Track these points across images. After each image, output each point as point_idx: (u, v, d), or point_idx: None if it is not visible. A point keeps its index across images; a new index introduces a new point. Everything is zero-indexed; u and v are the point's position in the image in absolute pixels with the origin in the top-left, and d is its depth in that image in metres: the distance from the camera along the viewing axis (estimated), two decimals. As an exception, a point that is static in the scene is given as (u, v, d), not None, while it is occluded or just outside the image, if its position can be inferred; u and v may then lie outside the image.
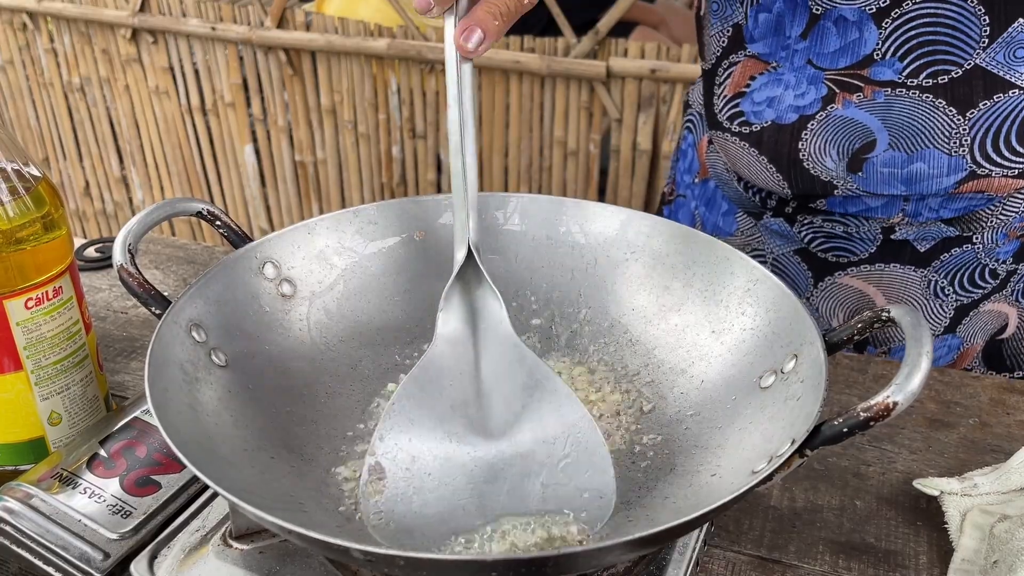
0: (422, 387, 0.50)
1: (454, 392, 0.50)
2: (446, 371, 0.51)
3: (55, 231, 0.57)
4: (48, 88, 2.31)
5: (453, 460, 0.48)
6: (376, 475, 0.47)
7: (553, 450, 0.49)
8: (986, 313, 0.80)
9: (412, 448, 0.48)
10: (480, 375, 0.51)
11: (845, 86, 0.69)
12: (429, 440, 0.49)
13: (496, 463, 0.49)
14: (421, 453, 0.48)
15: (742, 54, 0.75)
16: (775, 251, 0.81)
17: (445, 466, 0.48)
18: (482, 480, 0.48)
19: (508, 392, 0.51)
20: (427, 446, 0.49)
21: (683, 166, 0.92)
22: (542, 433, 0.49)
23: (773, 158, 0.73)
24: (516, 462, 0.49)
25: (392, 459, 0.48)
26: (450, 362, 0.51)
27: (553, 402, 0.50)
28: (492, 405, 0.50)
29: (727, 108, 0.75)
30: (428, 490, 0.47)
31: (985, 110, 0.67)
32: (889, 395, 0.43)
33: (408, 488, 0.47)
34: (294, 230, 0.62)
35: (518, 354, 0.51)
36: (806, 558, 0.56)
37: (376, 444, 0.49)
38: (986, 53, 0.66)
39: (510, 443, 0.49)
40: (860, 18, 0.67)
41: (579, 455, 0.49)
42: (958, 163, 0.68)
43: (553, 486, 0.48)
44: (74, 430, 0.61)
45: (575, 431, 0.50)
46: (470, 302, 0.52)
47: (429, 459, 0.48)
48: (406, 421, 0.49)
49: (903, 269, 0.77)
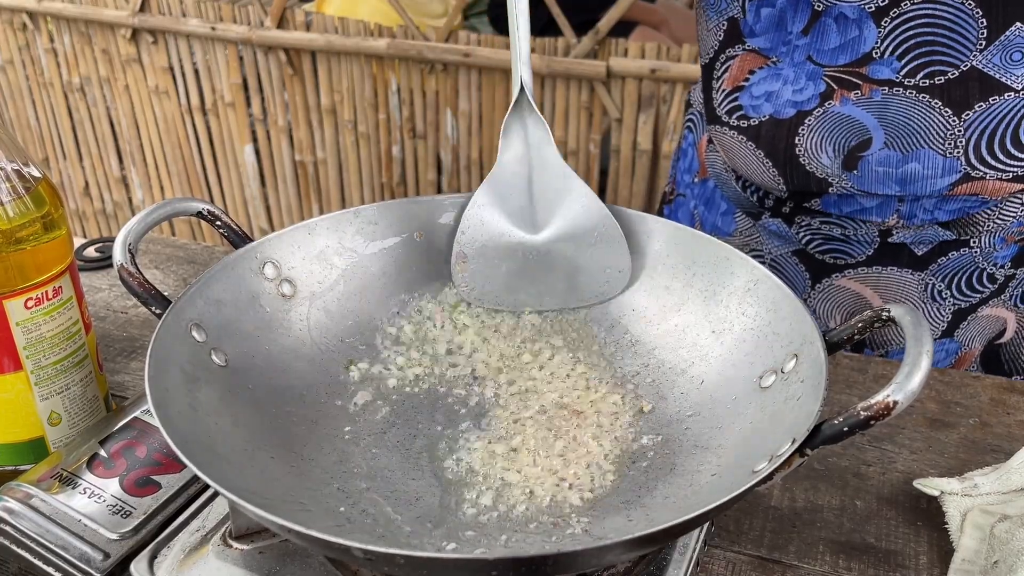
0: (491, 193, 0.64)
1: (513, 198, 0.64)
2: (507, 183, 0.64)
3: (55, 231, 0.57)
4: (48, 88, 2.31)
5: (512, 246, 0.64)
6: (461, 259, 0.64)
7: (584, 239, 0.63)
8: (984, 318, 0.80)
9: (484, 238, 0.64)
10: (532, 185, 0.64)
11: (843, 83, 0.70)
12: (496, 232, 0.64)
13: (542, 249, 0.64)
14: (491, 241, 0.64)
15: (740, 48, 0.75)
16: (773, 252, 0.81)
17: (507, 249, 0.64)
18: (534, 260, 0.64)
19: (550, 198, 0.64)
20: (495, 236, 0.64)
21: (683, 165, 0.92)
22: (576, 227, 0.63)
23: (770, 152, 0.73)
24: (557, 247, 0.64)
25: (471, 246, 0.64)
26: (509, 176, 0.64)
27: (584, 205, 0.63)
28: (539, 207, 0.64)
29: (726, 102, 0.75)
30: (496, 267, 0.64)
31: (980, 112, 0.67)
32: (889, 394, 0.43)
33: (483, 265, 0.64)
34: (294, 230, 0.62)
35: (560, 169, 0.63)
36: (806, 558, 0.56)
37: (460, 237, 0.64)
38: (983, 55, 0.66)
39: (552, 234, 0.64)
40: (860, 16, 0.67)
41: (603, 241, 0.63)
42: (952, 164, 0.68)
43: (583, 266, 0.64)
44: (74, 430, 0.61)
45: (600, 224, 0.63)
46: (523, 129, 0.64)
47: (497, 245, 0.64)
48: (478, 220, 0.64)
49: (900, 272, 0.77)
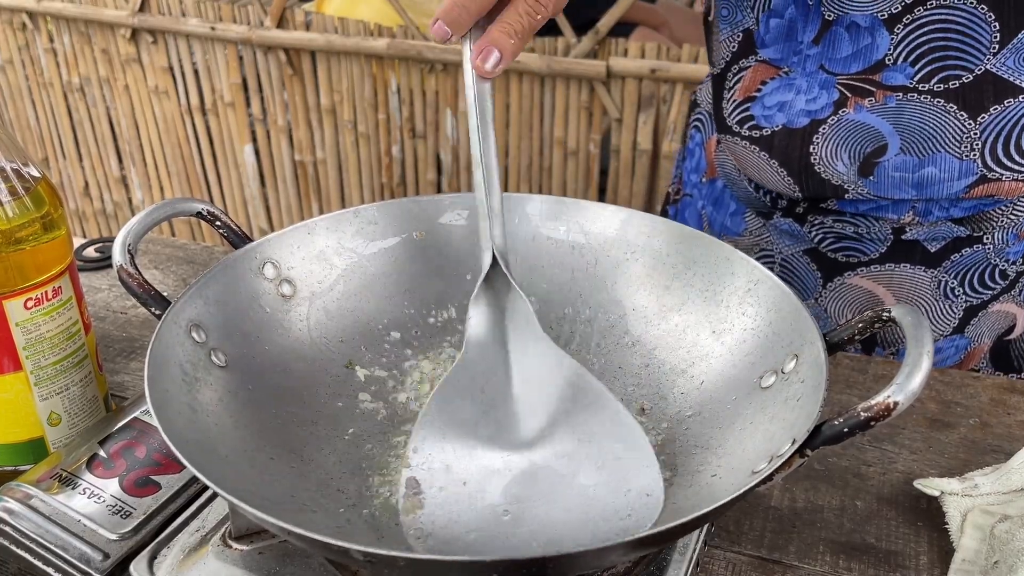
0: (454, 395, 0.49)
1: (486, 398, 0.49)
2: (477, 378, 0.50)
3: (55, 231, 0.57)
4: (48, 88, 2.31)
5: (488, 467, 0.48)
6: (412, 489, 0.46)
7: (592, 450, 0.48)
8: (994, 313, 0.80)
9: (446, 458, 0.48)
10: (512, 380, 0.51)
11: (857, 91, 0.70)
12: (463, 449, 0.48)
13: (532, 468, 0.48)
14: (455, 462, 0.48)
15: (753, 59, 0.75)
16: (784, 251, 0.81)
17: (481, 473, 0.47)
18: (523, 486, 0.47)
19: (543, 395, 0.50)
20: (461, 455, 0.48)
21: (690, 165, 0.92)
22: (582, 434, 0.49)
23: (784, 162, 0.73)
24: (555, 465, 0.48)
25: (427, 470, 0.47)
26: (481, 368, 0.50)
27: (591, 403, 0.49)
28: (527, 410, 0.50)
29: (737, 112, 0.75)
30: (465, 499, 0.46)
31: (996, 115, 0.67)
32: (890, 395, 0.43)
33: (446, 499, 0.46)
34: (294, 230, 0.62)
35: (552, 356, 0.51)
36: (806, 558, 0.56)
37: (410, 456, 0.48)
38: (996, 59, 0.66)
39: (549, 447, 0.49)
40: (872, 24, 0.68)
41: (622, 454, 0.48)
42: (969, 167, 0.68)
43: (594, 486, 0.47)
44: (74, 430, 0.61)
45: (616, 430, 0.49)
46: (498, 309, 0.52)
47: (464, 467, 0.47)
48: (438, 432, 0.48)
49: (913, 269, 0.77)
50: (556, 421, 0.50)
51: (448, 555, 0.46)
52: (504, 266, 0.52)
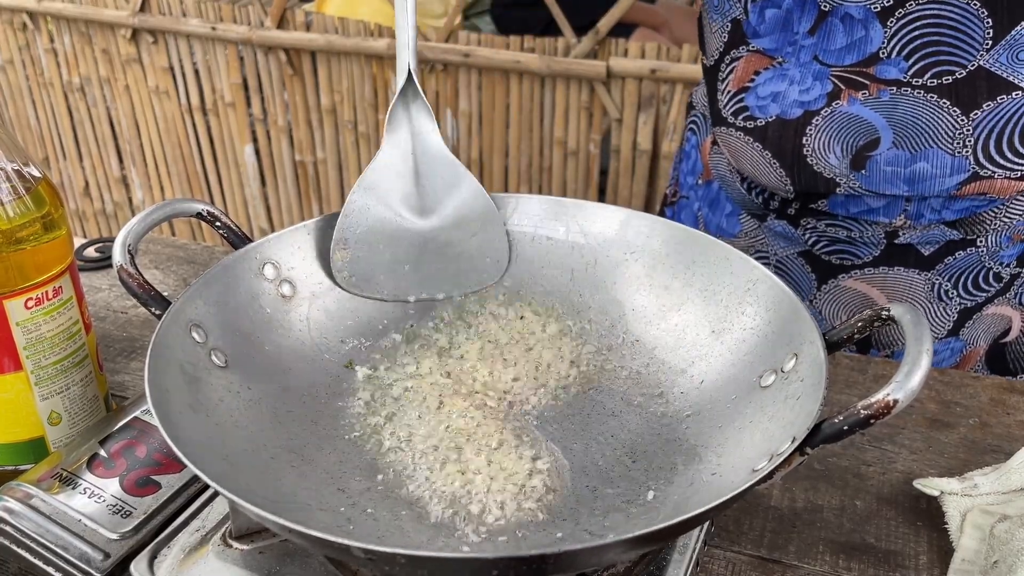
0: (375, 180, 0.63)
1: (399, 185, 0.64)
2: (392, 169, 0.64)
3: (55, 231, 0.57)
4: (48, 88, 2.31)
5: (397, 232, 0.64)
6: (340, 245, 0.62)
7: (467, 228, 0.65)
8: (989, 316, 0.80)
9: (368, 223, 0.63)
10: (417, 173, 0.64)
11: (851, 83, 0.70)
12: (381, 218, 0.63)
13: (428, 235, 0.64)
14: (374, 226, 0.63)
15: (744, 49, 0.75)
16: (779, 253, 0.81)
17: (392, 236, 0.63)
18: (418, 247, 0.64)
19: (436, 186, 0.64)
20: (379, 223, 0.63)
21: (686, 167, 0.92)
22: (460, 215, 0.65)
23: (777, 153, 0.73)
24: (442, 235, 0.64)
25: (353, 231, 0.63)
26: (396, 163, 0.64)
27: (469, 194, 0.64)
28: (425, 195, 0.64)
29: (731, 103, 0.75)
30: (379, 254, 0.63)
31: (988, 111, 0.67)
32: (889, 393, 0.43)
33: (366, 252, 0.63)
34: (294, 231, 0.62)
35: (444, 158, 0.64)
36: (806, 558, 0.56)
37: (342, 220, 0.62)
38: (990, 55, 0.66)
39: (438, 222, 0.64)
40: (866, 16, 0.68)
41: (485, 232, 0.65)
42: (961, 164, 0.68)
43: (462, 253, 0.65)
44: (74, 430, 0.61)
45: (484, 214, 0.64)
46: (408, 116, 0.64)
47: (381, 231, 0.63)
48: (364, 204, 0.63)
49: (907, 272, 0.77)
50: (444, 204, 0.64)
51: (448, 552, 0.46)
52: (417, 82, 0.62)
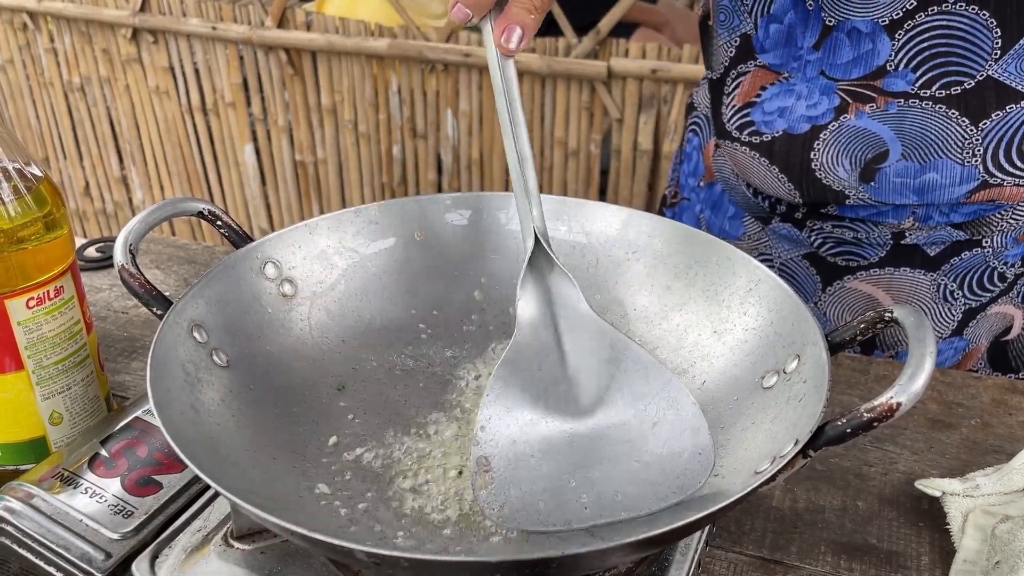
0: (513, 373, 0.51)
1: (543, 374, 0.52)
2: (533, 356, 0.52)
3: (56, 231, 0.57)
4: (48, 88, 2.31)
5: (552, 438, 0.50)
6: (483, 467, 0.49)
7: (646, 416, 0.51)
8: (993, 315, 0.80)
9: (512, 432, 0.50)
10: (565, 355, 0.53)
11: (858, 96, 0.69)
12: (527, 423, 0.51)
13: (594, 435, 0.51)
14: (521, 436, 0.50)
15: (751, 64, 0.75)
16: (783, 255, 0.81)
17: (545, 445, 0.50)
18: (583, 451, 0.50)
19: (594, 367, 0.53)
20: (526, 429, 0.50)
21: (687, 169, 0.92)
22: (633, 400, 0.52)
23: (784, 168, 0.73)
24: (613, 432, 0.51)
25: (495, 446, 0.50)
26: (535, 347, 0.53)
27: (639, 371, 0.52)
28: (581, 381, 0.52)
29: (736, 118, 0.75)
30: (533, 470, 0.49)
31: (998, 120, 0.67)
32: (893, 396, 0.43)
33: (515, 473, 0.49)
34: (295, 230, 0.62)
35: (598, 329, 0.53)
36: (808, 559, 0.56)
37: (479, 435, 0.50)
38: (998, 65, 0.66)
39: (604, 415, 0.52)
40: (873, 30, 0.68)
41: (672, 416, 0.51)
42: (970, 173, 0.68)
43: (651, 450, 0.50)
44: (75, 430, 0.61)
45: (664, 393, 0.51)
46: (544, 288, 0.54)
47: (529, 441, 0.50)
48: (503, 408, 0.50)
49: (913, 273, 0.76)
50: (610, 390, 0.52)
51: (451, 555, 0.46)
52: (547, 245, 0.53)
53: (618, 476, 0.49)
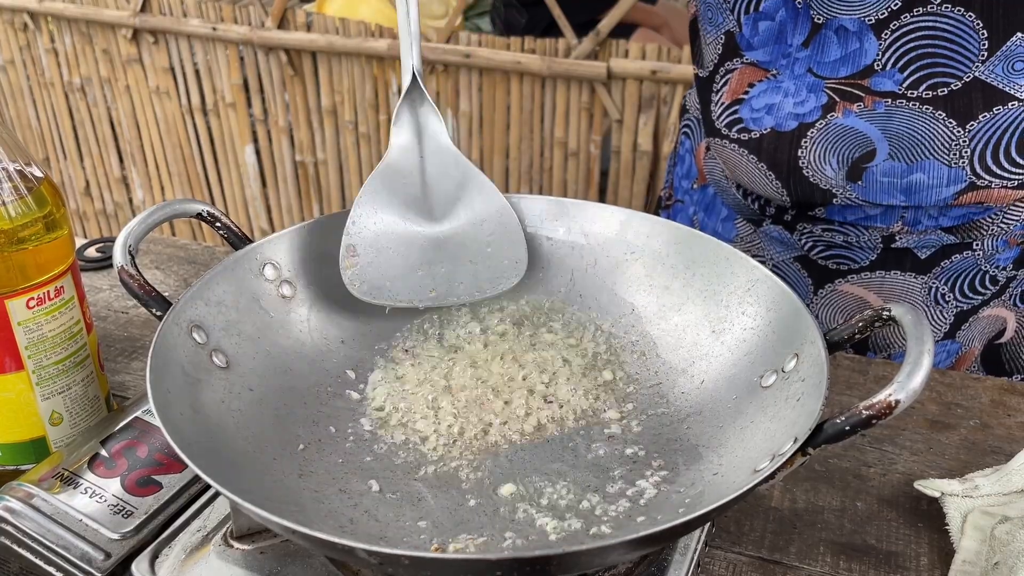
0: (382, 184, 0.62)
1: (407, 188, 0.63)
2: (400, 172, 0.63)
3: (57, 231, 0.57)
4: (49, 88, 2.31)
5: (408, 236, 0.62)
6: (350, 253, 0.60)
7: (482, 229, 0.63)
8: (985, 318, 0.80)
9: (376, 228, 0.62)
10: (425, 175, 0.63)
11: (845, 95, 0.70)
12: (390, 223, 0.62)
13: (440, 238, 0.63)
14: (383, 231, 0.62)
15: (739, 61, 0.75)
16: (775, 258, 0.81)
17: (402, 240, 0.62)
18: (431, 250, 0.62)
19: (447, 187, 0.63)
20: (388, 227, 0.62)
21: (681, 171, 0.92)
22: (474, 216, 0.63)
23: (772, 165, 0.73)
24: (456, 237, 0.63)
25: (361, 238, 0.61)
26: (403, 165, 0.63)
27: (481, 194, 0.63)
28: (435, 197, 0.63)
29: (725, 115, 0.75)
30: (390, 260, 0.61)
31: (985, 122, 0.67)
32: (891, 393, 0.43)
33: (376, 258, 0.61)
34: (294, 231, 0.62)
35: (454, 158, 0.63)
36: (807, 559, 0.56)
37: (349, 227, 0.61)
38: (985, 66, 0.66)
39: (450, 224, 0.63)
40: (860, 29, 0.68)
41: (500, 232, 0.63)
42: (957, 174, 0.68)
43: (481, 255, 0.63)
44: (75, 430, 0.62)
45: (498, 215, 0.63)
46: (416, 119, 0.63)
47: (390, 236, 0.62)
48: (371, 209, 0.62)
49: (904, 276, 0.77)
50: (456, 206, 0.63)
51: (451, 554, 0.46)
52: (421, 82, 0.61)
53: (454, 269, 0.62)
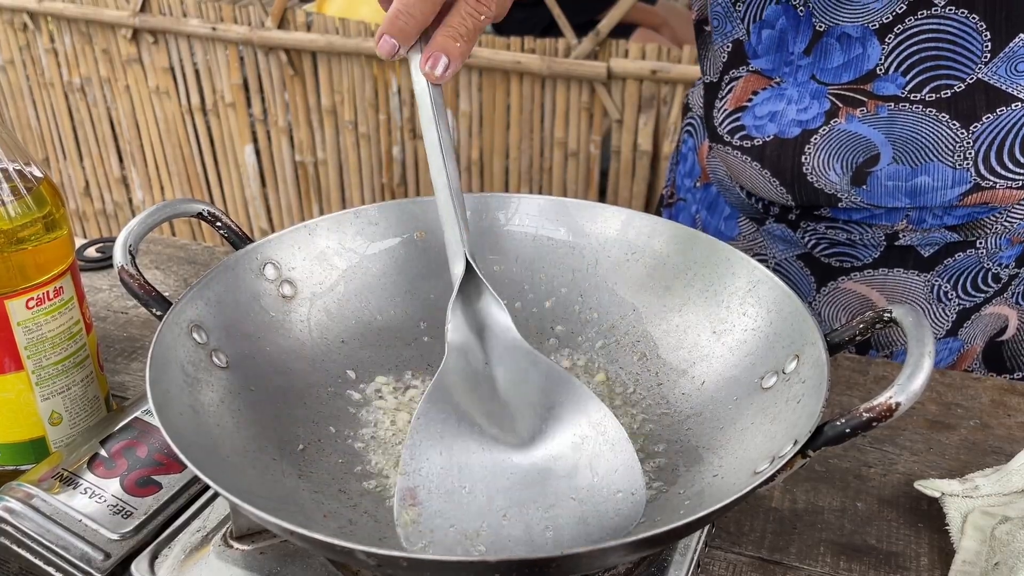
0: (442, 400, 0.48)
1: (474, 402, 0.49)
2: (463, 382, 0.50)
3: (56, 231, 0.57)
4: (48, 88, 2.31)
5: (487, 469, 0.47)
6: (409, 500, 0.44)
7: (583, 450, 0.49)
8: (987, 316, 0.80)
9: (442, 461, 0.46)
10: (497, 383, 0.51)
11: (848, 101, 0.70)
12: (458, 451, 0.47)
13: (530, 469, 0.48)
14: (451, 466, 0.47)
15: (744, 69, 0.75)
16: (777, 256, 0.81)
17: (479, 476, 0.47)
18: (519, 488, 0.47)
19: (528, 397, 0.50)
20: (457, 458, 0.47)
21: (683, 170, 0.92)
22: (569, 434, 0.49)
23: (776, 172, 0.73)
24: (549, 465, 0.48)
25: (424, 476, 0.46)
26: (465, 373, 0.50)
27: (574, 403, 0.50)
28: (514, 411, 0.50)
29: (728, 122, 0.75)
30: (464, 504, 0.45)
31: (988, 123, 0.67)
32: (892, 396, 0.43)
33: (444, 505, 0.45)
34: (294, 231, 0.62)
35: (531, 359, 0.51)
36: (807, 559, 0.56)
37: (406, 463, 0.46)
38: (988, 68, 0.66)
39: (540, 446, 0.49)
40: (863, 34, 0.68)
41: (608, 452, 0.49)
42: (962, 176, 0.68)
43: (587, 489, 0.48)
44: (75, 430, 0.61)
45: (599, 429, 0.50)
46: (474, 313, 0.53)
47: (461, 471, 0.47)
48: (434, 435, 0.47)
49: (906, 274, 0.77)
50: (547, 423, 0.50)
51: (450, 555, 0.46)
52: (477, 270, 0.52)
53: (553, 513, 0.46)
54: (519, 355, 0.51)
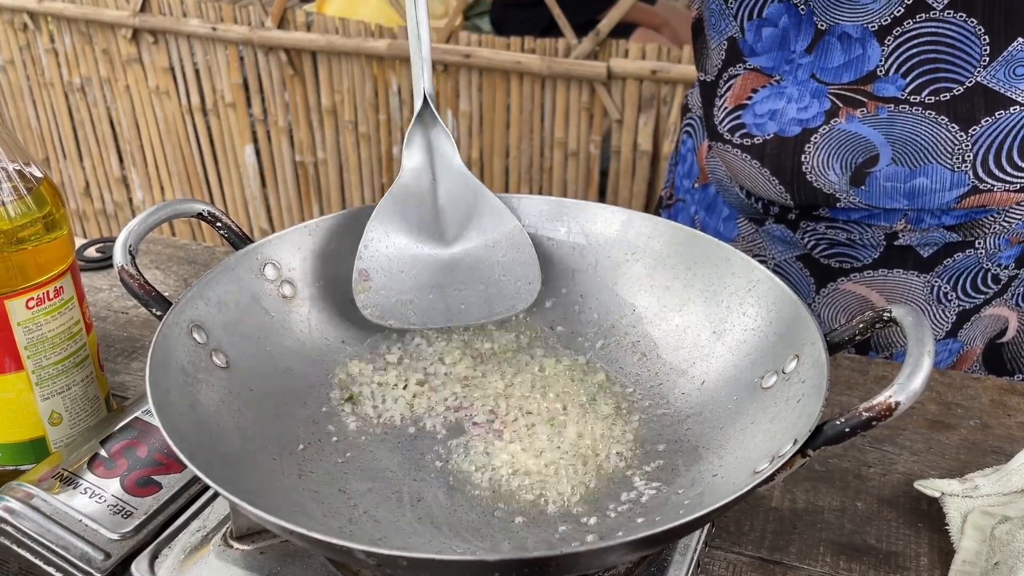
0: (394, 207, 0.62)
1: (418, 210, 0.62)
2: (412, 195, 0.63)
3: (56, 231, 0.57)
4: (48, 88, 2.31)
5: (420, 259, 0.62)
6: (363, 277, 0.60)
7: (494, 251, 0.63)
8: (987, 317, 0.80)
9: (389, 252, 0.61)
10: (437, 197, 0.63)
11: (848, 101, 0.70)
12: (402, 246, 0.62)
13: (452, 261, 0.63)
14: (395, 255, 0.62)
15: (741, 67, 0.75)
16: (777, 257, 0.81)
17: (414, 263, 0.62)
18: (443, 273, 0.62)
19: (459, 209, 0.63)
20: (400, 250, 0.62)
21: (682, 170, 0.92)
22: (486, 238, 0.63)
23: (776, 170, 0.73)
24: (468, 260, 0.63)
25: (374, 261, 0.61)
26: (414, 188, 0.63)
27: (493, 216, 0.63)
28: (447, 219, 0.63)
29: (728, 120, 0.75)
30: (402, 283, 0.61)
31: (987, 126, 0.67)
32: (891, 395, 0.43)
33: (388, 281, 0.61)
34: (295, 231, 0.62)
35: (465, 180, 0.63)
36: (807, 559, 0.56)
37: (362, 251, 0.61)
38: (987, 71, 0.66)
39: (462, 247, 0.63)
40: (863, 35, 0.68)
41: (513, 254, 0.63)
42: (960, 178, 0.68)
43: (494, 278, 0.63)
44: (75, 430, 0.61)
45: (510, 236, 0.63)
46: (427, 141, 0.63)
47: (402, 259, 0.62)
48: (383, 233, 0.61)
49: (906, 275, 0.77)
50: (468, 228, 0.63)
51: (450, 554, 0.46)
52: (432, 105, 0.62)
53: (464, 294, 0.62)
54: (457, 176, 0.63)
